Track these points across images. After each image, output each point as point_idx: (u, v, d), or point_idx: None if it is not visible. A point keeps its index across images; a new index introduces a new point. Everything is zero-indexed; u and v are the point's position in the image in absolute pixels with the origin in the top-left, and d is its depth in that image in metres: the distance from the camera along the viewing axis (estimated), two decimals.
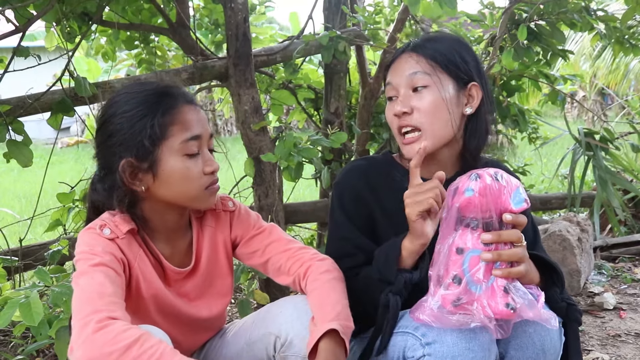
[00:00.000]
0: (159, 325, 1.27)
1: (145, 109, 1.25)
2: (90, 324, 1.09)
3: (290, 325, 1.29)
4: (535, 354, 1.28)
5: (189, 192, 1.29)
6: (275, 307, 1.38)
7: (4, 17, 2.10)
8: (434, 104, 1.37)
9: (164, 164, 1.26)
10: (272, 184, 2.64)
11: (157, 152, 1.25)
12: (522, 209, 1.18)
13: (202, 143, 1.29)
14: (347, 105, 3.25)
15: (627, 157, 4.11)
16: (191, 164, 1.27)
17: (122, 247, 1.28)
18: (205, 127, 1.31)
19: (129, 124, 1.25)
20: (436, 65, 1.39)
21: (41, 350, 2.35)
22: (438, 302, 1.18)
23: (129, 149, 1.25)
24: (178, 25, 2.77)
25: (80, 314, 1.12)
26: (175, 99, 1.28)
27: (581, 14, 2.64)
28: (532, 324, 1.27)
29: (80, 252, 1.24)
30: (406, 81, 1.39)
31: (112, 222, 1.28)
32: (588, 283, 3.12)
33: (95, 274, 1.18)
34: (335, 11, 2.97)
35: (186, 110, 1.28)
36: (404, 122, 1.39)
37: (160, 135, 1.24)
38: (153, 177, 1.27)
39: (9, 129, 2.18)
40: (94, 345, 1.07)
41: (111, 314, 1.11)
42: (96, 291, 1.15)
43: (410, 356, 1.24)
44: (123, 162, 1.25)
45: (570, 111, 12.64)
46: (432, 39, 1.45)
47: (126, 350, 1.05)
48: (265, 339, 1.33)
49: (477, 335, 1.19)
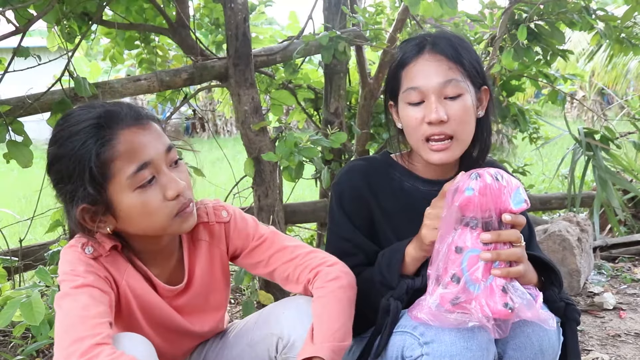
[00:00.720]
0: (151, 338, 1.24)
1: (82, 149, 1.12)
2: (73, 356, 1.05)
3: (293, 327, 1.28)
4: (534, 353, 1.28)
5: (157, 224, 1.18)
6: (278, 308, 1.36)
7: (4, 17, 2.10)
8: (467, 112, 1.36)
9: (119, 205, 1.15)
10: (272, 184, 2.64)
11: (106, 195, 1.14)
12: (522, 209, 1.18)
13: (157, 166, 1.16)
14: (347, 105, 3.25)
15: (627, 157, 4.11)
16: (148, 196, 1.15)
17: (107, 264, 1.22)
18: (157, 147, 1.16)
19: (68, 172, 1.14)
20: (464, 71, 1.36)
21: (41, 351, 2.35)
22: (436, 301, 1.18)
23: (77, 197, 1.14)
24: (178, 25, 2.77)
25: (63, 343, 1.08)
26: (114, 127, 1.14)
27: (581, 14, 2.64)
28: (530, 324, 1.27)
29: (63, 272, 1.18)
30: (439, 88, 1.34)
31: (94, 240, 1.20)
32: (588, 283, 3.12)
33: (78, 295, 1.13)
34: (335, 11, 2.97)
35: (128, 137, 1.14)
36: (438, 130, 1.34)
37: (103, 178, 1.12)
38: (114, 218, 1.18)
39: (8, 130, 2.17)
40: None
41: (94, 339, 1.07)
42: (79, 315, 1.10)
43: (408, 355, 1.24)
44: (78, 210, 1.15)
45: (569, 111, 12.64)
46: (447, 38, 1.40)
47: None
48: (268, 339, 1.31)
49: (476, 334, 1.20)
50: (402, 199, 1.45)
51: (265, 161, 2.55)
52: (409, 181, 1.48)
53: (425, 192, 1.45)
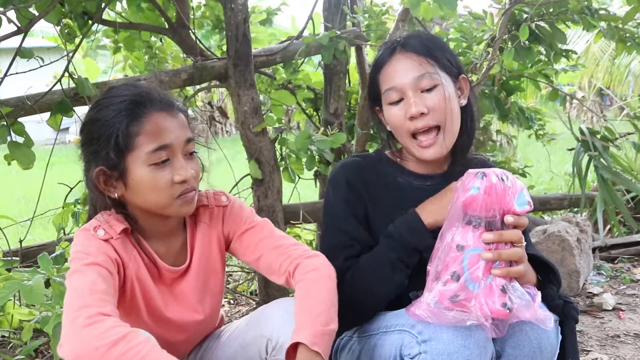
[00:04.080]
0: (150, 329, 1.27)
1: (115, 118, 1.25)
2: (79, 319, 1.09)
3: (281, 329, 1.29)
4: (532, 352, 1.28)
5: (159, 201, 1.28)
6: (268, 309, 1.38)
7: (6, 17, 2.09)
8: (447, 101, 1.39)
9: (132, 174, 1.26)
10: (271, 184, 2.63)
11: (124, 163, 1.26)
12: (525, 211, 1.19)
13: (174, 151, 1.28)
14: (347, 105, 3.26)
15: (626, 158, 4.11)
16: (158, 174, 1.26)
17: (117, 247, 1.28)
18: (178, 135, 1.28)
19: (98, 134, 1.26)
20: (435, 63, 1.40)
21: (40, 351, 2.35)
22: (435, 298, 1.19)
23: (99, 158, 1.27)
24: (178, 25, 2.77)
25: (71, 309, 1.13)
26: (147, 108, 1.27)
27: (581, 15, 2.64)
28: (529, 322, 1.27)
29: (75, 252, 1.25)
30: (413, 83, 1.39)
31: (106, 223, 1.30)
32: (587, 284, 3.12)
33: (87, 272, 1.19)
34: (335, 11, 2.97)
35: (157, 119, 1.27)
36: (422, 124, 1.38)
37: (126, 147, 1.24)
38: (124, 186, 1.28)
39: (10, 131, 2.17)
40: (82, 339, 1.08)
41: (101, 309, 1.12)
42: (88, 288, 1.16)
43: (406, 354, 1.25)
44: (96, 171, 1.27)
45: (569, 111, 12.64)
46: (417, 36, 1.45)
47: (112, 346, 1.06)
48: (258, 341, 1.33)
49: (473, 332, 1.20)
50: (395, 193, 1.48)
51: (265, 162, 2.55)
52: (402, 176, 1.50)
53: (418, 186, 1.48)
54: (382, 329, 1.35)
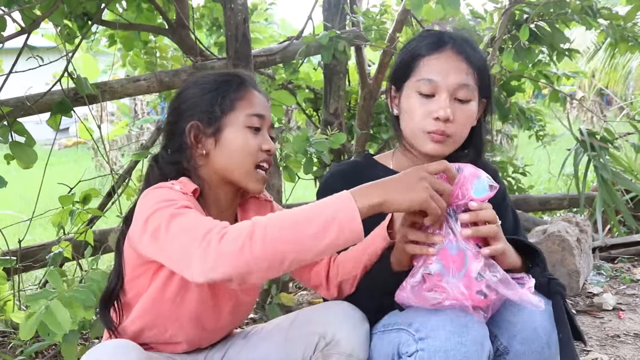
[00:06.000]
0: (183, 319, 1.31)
1: (218, 84, 1.37)
2: (212, 242, 1.06)
3: (338, 325, 1.29)
4: (541, 347, 1.28)
5: (243, 165, 1.34)
6: (320, 308, 1.38)
7: (11, 18, 2.10)
8: (470, 119, 1.43)
9: (226, 132, 1.33)
10: (271, 184, 2.64)
11: (222, 120, 1.33)
12: (487, 197, 1.20)
13: (265, 123, 1.37)
14: (347, 105, 3.26)
15: (626, 158, 4.11)
16: (251, 137, 1.34)
17: (190, 202, 1.26)
18: (269, 113, 1.40)
19: (201, 92, 1.36)
20: (477, 79, 1.41)
21: (40, 352, 2.35)
22: (417, 280, 1.21)
23: (197, 113, 1.34)
24: (177, 25, 2.77)
25: (195, 242, 1.08)
26: (248, 85, 1.38)
27: (582, 15, 2.64)
28: (537, 318, 1.27)
29: (160, 201, 1.20)
30: (453, 88, 1.39)
31: (179, 183, 1.30)
32: (587, 284, 3.12)
33: (187, 212, 1.16)
34: (335, 11, 2.97)
35: (254, 93, 1.38)
36: (442, 128, 1.39)
37: (228, 107, 1.34)
38: (215, 143, 1.34)
39: (11, 131, 2.18)
40: (224, 253, 1.05)
41: (221, 224, 1.10)
42: (195, 218, 1.14)
43: (404, 352, 1.25)
44: (190, 124, 1.33)
45: (569, 112, 12.65)
46: (471, 45, 1.44)
47: (252, 235, 1.05)
48: (306, 338, 1.32)
49: (470, 330, 1.20)
50: None
51: None
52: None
53: None
54: (380, 329, 1.35)
